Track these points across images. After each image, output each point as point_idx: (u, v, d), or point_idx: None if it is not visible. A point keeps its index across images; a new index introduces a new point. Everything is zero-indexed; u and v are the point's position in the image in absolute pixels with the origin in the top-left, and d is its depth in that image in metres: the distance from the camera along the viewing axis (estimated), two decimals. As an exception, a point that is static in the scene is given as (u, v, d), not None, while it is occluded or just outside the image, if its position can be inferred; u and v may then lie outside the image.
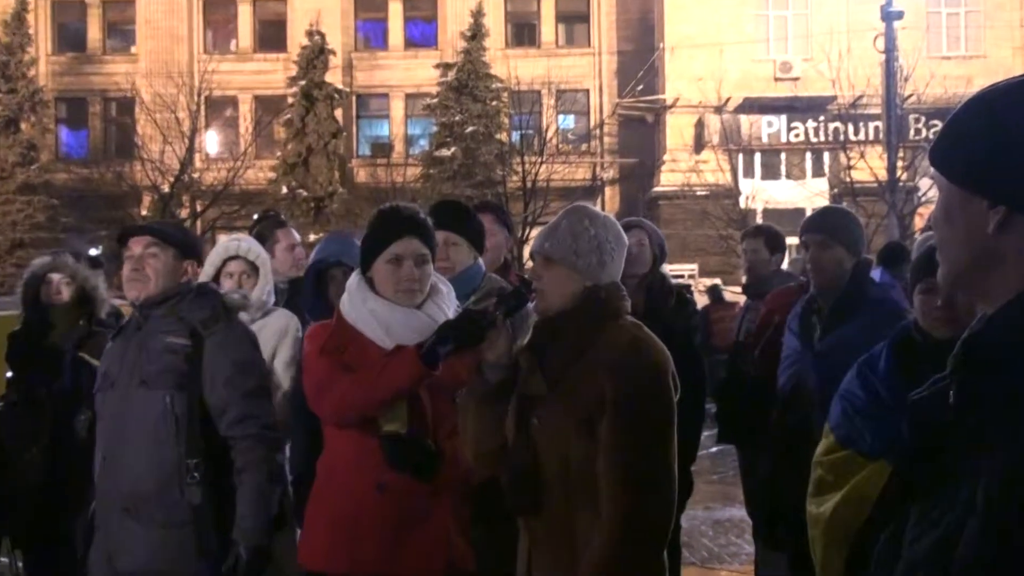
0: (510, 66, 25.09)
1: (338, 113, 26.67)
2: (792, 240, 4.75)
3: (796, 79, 25.17)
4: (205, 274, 4.06)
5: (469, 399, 2.61)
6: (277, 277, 4.81)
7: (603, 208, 27.38)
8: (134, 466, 3.03)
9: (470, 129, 25.31)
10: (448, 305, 2.87)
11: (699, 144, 26.18)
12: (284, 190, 25.49)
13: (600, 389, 2.42)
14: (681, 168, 25.43)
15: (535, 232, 20.31)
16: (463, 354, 2.64)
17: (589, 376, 2.45)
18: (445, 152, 25.41)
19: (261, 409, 3.11)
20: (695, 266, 23.41)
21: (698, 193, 24.76)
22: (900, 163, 20.78)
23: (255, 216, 5.37)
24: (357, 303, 2.82)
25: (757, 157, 26.23)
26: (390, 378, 2.67)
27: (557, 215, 2.63)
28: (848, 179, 22.01)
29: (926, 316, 2.73)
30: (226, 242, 4.19)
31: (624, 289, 2.61)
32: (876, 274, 4.58)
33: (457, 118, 25.56)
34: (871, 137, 23.79)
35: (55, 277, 4.28)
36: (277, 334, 4.06)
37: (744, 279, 5.86)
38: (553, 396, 2.48)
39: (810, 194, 23.17)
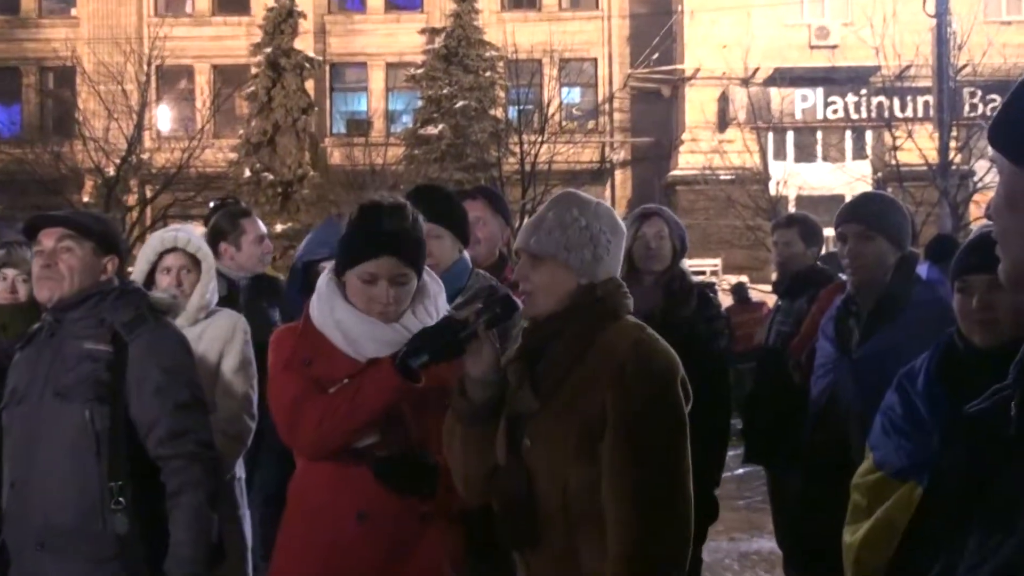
0: (506, 32, 25.08)
1: (309, 85, 26.64)
2: (829, 232, 4.75)
3: (834, 47, 25.19)
4: (139, 270, 4.06)
5: (453, 421, 2.60)
6: (241, 273, 4.82)
7: (613, 195, 27.45)
8: (49, 493, 2.99)
9: (460, 104, 25.30)
10: (436, 310, 2.86)
11: (723, 121, 26.18)
12: (247, 173, 25.48)
13: (599, 402, 2.42)
14: (702, 148, 25.44)
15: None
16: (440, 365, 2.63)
17: (586, 387, 2.44)
18: (432, 130, 25.40)
19: (196, 423, 3.08)
20: (718, 261, 23.42)
21: (722, 177, 24.77)
22: (953, 143, 20.79)
23: (211, 203, 5.37)
24: (324, 310, 2.82)
25: (789, 136, 26.24)
26: (366, 399, 2.66)
27: (543, 206, 2.63)
28: (893, 161, 22.02)
29: (964, 319, 2.73)
30: (162, 233, 4.19)
31: (624, 285, 2.60)
32: (923, 270, 4.57)
33: (445, 91, 25.55)
34: (920, 113, 23.80)
35: (10, 273, 4.26)
36: (222, 338, 4.07)
37: (774, 275, 5.86)
38: (546, 412, 2.48)
39: (850, 179, 23.16)
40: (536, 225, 2.57)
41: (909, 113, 23.82)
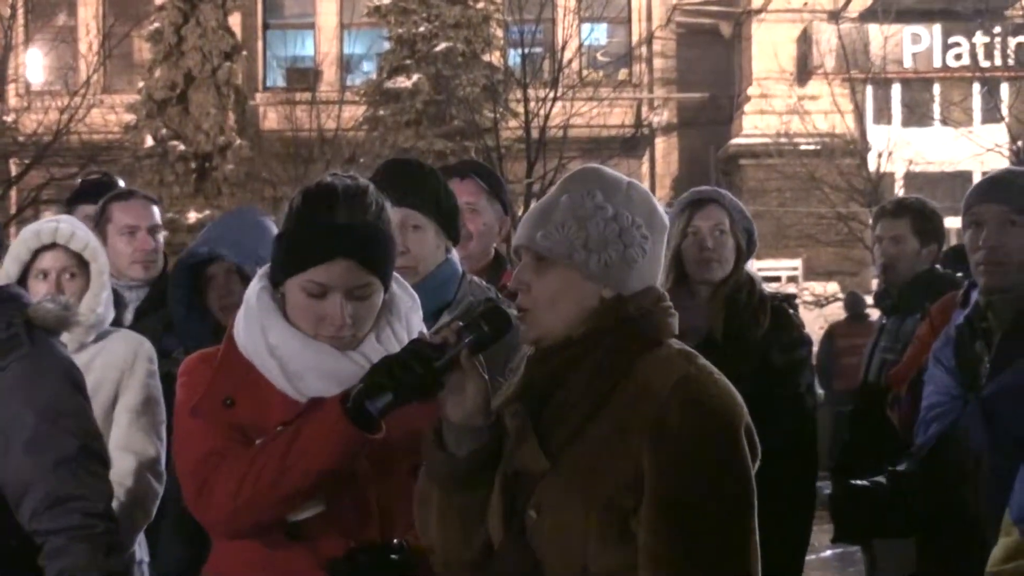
0: (506, -53, 25.09)
1: (234, 21, 26.65)
2: (953, 223, 4.73)
3: (957, -33, 25.19)
4: (6, 274, 4.07)
5: (428, 485, 2.59)
6: (121, 281, 4.81)
7: (652, 172, 27.44)
8: None
9: (442, 46, 25.29)
10: (409, 332, 2.87)
11: (803, 70, 26.17)
12: (149, 142, 25.47)
13: (632, 461, 2.41)
14: (775, 108, 25.43)
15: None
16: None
17: (614, 440, 2.44)
18: (403, 82, 25.40)
19: (86, 485, 3.09)
20: (798, 263, 23.40)
21: (802, 147, 24.76)
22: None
23: (79, 181, 5.37)
24: (254, 331, 2.81)
25: (895, 91, 26.23)
26: (302, 457, 2.66)
27: (553, 187, 2.63)
28: (1039, 125, 22.00)
29: None
30: (37, 226, 4.20)
31: (667, 298, 2.60)
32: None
33: (422, 29, 25.55)
34: (1075, 59, 23.79)
35: None
36: (118, 368, 4.08)
37: (878, 284, 5.84)
38: (559, 473, 2.47)
39: (979, 149, 23.16)
40: (544, 214, 2.56)
41: (1060, 59, 23.81)
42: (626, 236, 2.53)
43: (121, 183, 5.98)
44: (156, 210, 5.11)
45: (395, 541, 2.73)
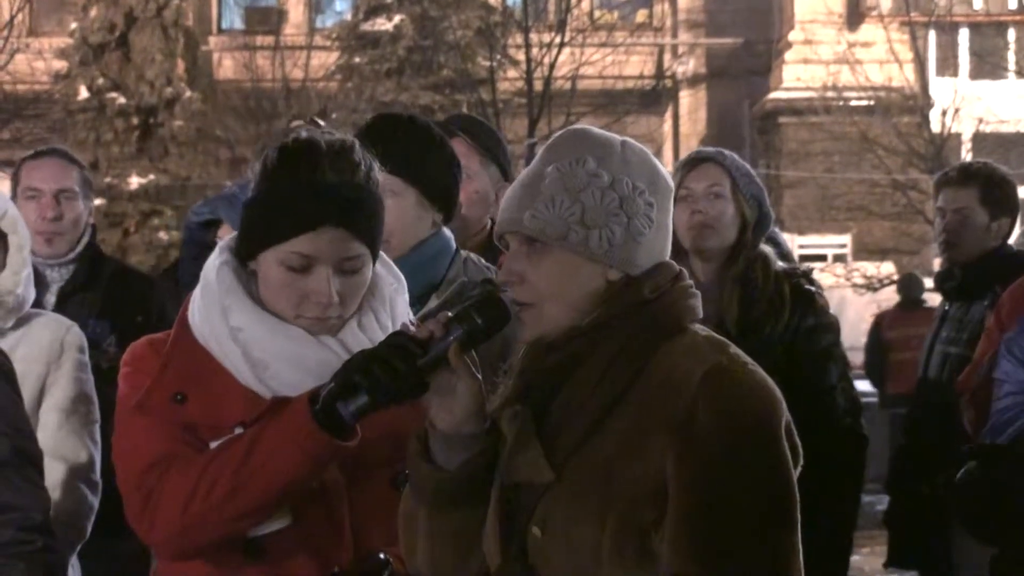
0: None
1: (183, -49, 26.61)
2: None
3: None
4: None
5: (413, 502, 2.60)
6: (35, 257, 4.81)
7: (676, 130, 27.41)
8: None
9: (429, -18, 25.29)
10: (394, 319, 2.87)
11: (855, 12, 26.14)
12: (83, 93, 25.45)
13: (653, 466, 2.41)
14: (821, 56, 25.41)
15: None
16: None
17: (632, 445, 2.44)
18: (383, 24, 25.38)
19: (20, 494, 3.08)
20: (847, 239, 23.41)
21: (853, 103, 24.74)
22: None
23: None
24: (213, 312, 2.81)
25: (963, 37, 26.20)
26: (263, 467, 2.65)
27: (536, 157, 2.62)
28: None
29: None
30: None
31: (686, 276, 2.59)
32: None
33: (405, -39, 25.54)
34: None
35: None
36: (43, 359, 4.08)
37: (939, 263, 5.84)
38: (567, 486, 2.47)
39: (1061, 106, 23.16)
40: (529, 191, 2.55)
41: None
42: (628, 206, 2.52)
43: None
44: (75, 173, 5.06)
45: (381, 556, 2.73)
